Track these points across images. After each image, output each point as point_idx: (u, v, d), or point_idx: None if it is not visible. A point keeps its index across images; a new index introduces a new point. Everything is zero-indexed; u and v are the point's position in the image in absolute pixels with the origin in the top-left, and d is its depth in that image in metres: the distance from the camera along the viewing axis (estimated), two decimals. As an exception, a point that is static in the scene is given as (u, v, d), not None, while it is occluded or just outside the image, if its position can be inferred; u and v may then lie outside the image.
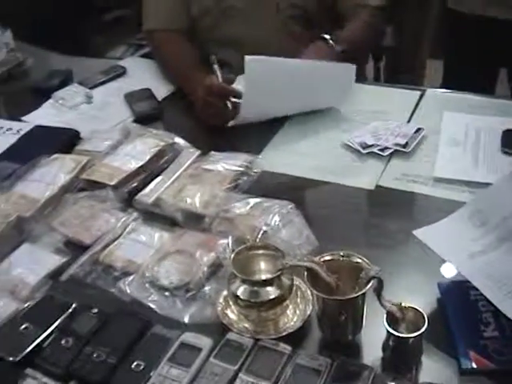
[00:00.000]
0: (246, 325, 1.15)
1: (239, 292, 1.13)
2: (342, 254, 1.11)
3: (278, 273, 1.11)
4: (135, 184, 1.48)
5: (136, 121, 1.75)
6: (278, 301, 1.13)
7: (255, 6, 1.97)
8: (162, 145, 1.54)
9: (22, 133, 1.75)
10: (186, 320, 1.18)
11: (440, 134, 1.62)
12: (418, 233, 1.22)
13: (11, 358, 1.13)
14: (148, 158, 1.50)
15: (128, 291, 1.22)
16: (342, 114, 1.74)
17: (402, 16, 2.49)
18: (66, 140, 1.67)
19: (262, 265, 1.16)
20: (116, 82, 2.00)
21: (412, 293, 1.19)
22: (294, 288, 1.16)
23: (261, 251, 1.16)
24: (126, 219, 1.37)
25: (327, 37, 1.77)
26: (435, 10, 2.51)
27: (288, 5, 1.98)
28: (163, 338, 1.13)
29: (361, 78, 1.91)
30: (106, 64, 2.16)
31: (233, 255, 1.14)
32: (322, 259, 1.11)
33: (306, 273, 1.09)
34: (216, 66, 1.71)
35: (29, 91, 2.05)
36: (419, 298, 1.17)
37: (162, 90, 1.90)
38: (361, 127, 1.66)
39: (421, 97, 1.80)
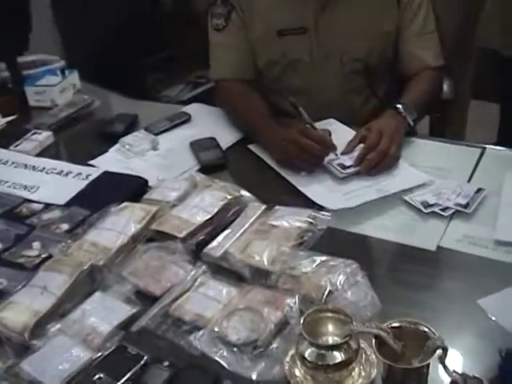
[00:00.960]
0: (314, 386, 1.17)
1: (307, 354, 1.16)
2: (408, 321, 1.14)
3: (347, 338, 1.14)
4: (203, 237, 1.52)
5: (201, 170, 1.78)
6: (345, 364, 1.16)
7: (320, 60, 2.03)
8: (229, 198, 1.58)
9: (91, 178, 1.80)
10: (254, 377, 1.21)
11: (501, 194, 1.63)
12: (482, 302, 1.25)
13: (85, 408, 1.16)
14: (216, 210, 1.55)
15: (198, 346, 1.26)
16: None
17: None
18: (134, 188, 1.72)
19: (330, 327, 1.20)
20: (181, 128, 2.05)
21: (472, 359, 1.21)
22: (360, 351, 1.19)
23: (330, 314, 1.19)
24: (195, 273, 1.41)
25: (399, 106, 1.82)
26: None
27: (351, 59, 2.04)
28: (232, 395, 1.16)
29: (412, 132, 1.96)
30: (171, 109, 2.22)
31: (303, 318, 1.17)
32: (389, 326, 1.13)
33: (373, 340, 1.12)
34: (301, 109, 1.79)
35: (95, 134, 2.10)
36: (479, 364, 1.19)
37: (226, 139, 1.95)
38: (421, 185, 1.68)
39: (481, 154, 1.82)
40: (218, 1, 2.10)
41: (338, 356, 1.15)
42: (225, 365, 1.23)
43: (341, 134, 1.85)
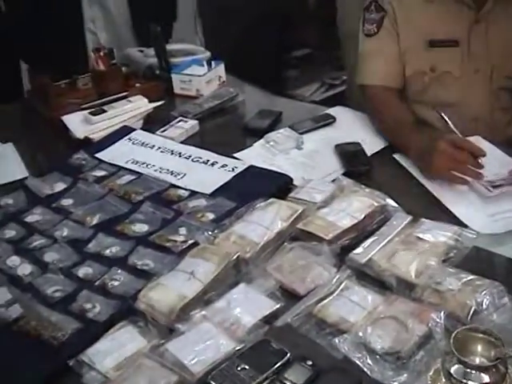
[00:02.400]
0: (455, 402, 1.16)
1: (453, 370, 1.15)
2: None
3: (497, 361, 1.13)
4: (348, 241, 1.52)
5: (346, 174, 1.78)
6: (491, 386, 1.14)
7: (470, 74, 2.00)
8: (376, 205, 1.58)
9: (237, 171, 1.83)
10: (395, 387, 1.20)
11: None
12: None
13: (228, 396, 1.18)
14: (362, 216, 1.55)
15: (341, 349, 1.26)
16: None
17: None
18: (281, 185, 1.74)
19: (479, 348, 1.18)
20: (325, 130, 2.06)
21: None
22: (507, 376, 1.17)
23: (480, 335, 1.18)
24: (340, 276, 1.41)
25: None
26: None
27: (501, 76, 2.00)
28: (374, 402, 1.17)
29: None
30: (314, 109, 2.23)
31: (453, 334, 1.16)
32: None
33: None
34: (451, 123, 1.78)
35: (239, 127, 2.13)
36: None
37: (371, 145, 1.94)
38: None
39: None
40: (371, 6, 2.10)
41: (485, 377, 1.14)
42: (367, 371, 1.23)
43: (487, 152, 1.81)
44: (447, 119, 1.82)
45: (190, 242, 1.57)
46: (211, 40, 3.51)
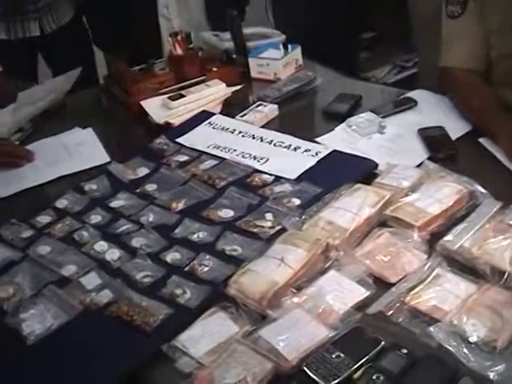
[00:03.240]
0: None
1: (554, 361, 1.13)
2: None
3: None
4: (437, 228, 1.50)
5: (430, 159, 1.76)
6: None
7: None
8: (465, 191, 1.56)
9: (321, 156, 1.82)
10: (493, 377, 1.19)
11: None
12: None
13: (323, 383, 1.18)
14: (452, 202, 1.53)
15: (435, 337, 1.25)
16: None
17: None
18: (366, 170, 1.72)
19: None
20: (406, 114, 2.03)
21: None
22: None
23: None
24: (431, 263, 1.39)
25: None
26: None
27: None
28: (471, 392, 1.15)
29: None
30: (393, 92, 2.20)
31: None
32: None
33: None
34: None
35: (318, 111, 2.12)
36: None
37: (455, 129, 1.90)
38: None
39: None
40: None
41: None
42: (463, 361, 1.22)
43: None
44: None
45: (278, 227, 1.57)
46: (281, 23, 3.50)
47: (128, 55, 2.48)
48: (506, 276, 1.37)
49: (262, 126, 2.07)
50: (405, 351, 1.23)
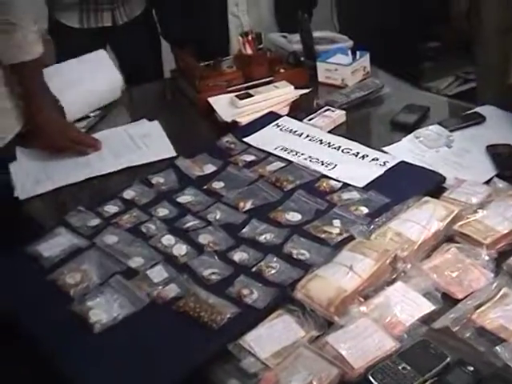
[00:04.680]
0: None
1: None
2: None
3: None
4: (505, 246, 1.50)
5: (498, 176, 1.76)
6: None
7: None
8: (534, 211, 1.56)
9: (388, 166, 1.83)
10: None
11: None
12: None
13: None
14: (520, 221, 1.53)
15: (502, 357, 1.26)
16: None
17: None
18: (433, 184, 1.73)
19: None
20: (475, 129, 2.03)
21: None
22: None
23: None
24: (499, 282, 1.40)
25: None
26: None
27: None
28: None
29: None
30: (461, 107, 2.21)
31: None
32: None
33: None
34: None
35: (385, 120, 2.13)
36: None
37: (524, 148, 1.89)
38: None
39: None
40: None
41: None
42: (529, 382, 1.22)
43: None
44: None
45: (346, 235, 1.58)
46: (345, 27, 3.51)
47: (195, 50, 2.50)
48: None
49: (329, 131, 2.08)
50: (471, 368, 1.24)
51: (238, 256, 1.57)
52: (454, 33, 3.48)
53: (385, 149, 1.94)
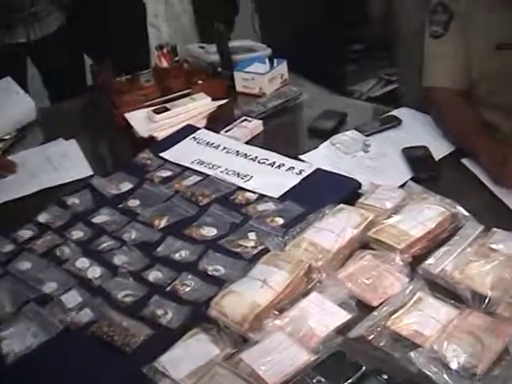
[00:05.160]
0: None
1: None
2: None
3: None
4: (419, 250, 1.50)
5: (413, 179, 1.76)
6: None
7: None
8: (447, 214, 1.57)
9: (304, 174, 1.82)
10: (472, 404, 1.19)
11: None
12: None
13: (306, 410, 1.18)
14: (434, 225, 1.53)
15: (417, 363, 1.25)
16: None
17: None
18: (349, 190, 1.72)
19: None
20: (391, 132, 2.04)
21: None
22: None
23: None
24: (413, 287, 1.40)
25: None
26: None
27: None
28: (451, 421, 1.15)
29: None
30: (378, 110, 2.21)
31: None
32: None
33: None
34: None
35: (303, 128, 2.12)
36: None
37: (439, 149, 1.91)
38: None
39: None
40: (438, 7, 2.06)
41: None
42: (443, 387, 1.22)
43: None
44: None
45: (260, 247, 1.57)
46: (267, 35, 3.50)
47: (115, 64, 2.47)
48: (486, 301, 1.37)
49: (247, 142, 2.06)
50: (385, 377, 1.23)
51: (153, 275, 1.54)
52: (374, 35, 3.52)
53: (302, 157, 1.93)
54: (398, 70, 3.27)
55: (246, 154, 1.95)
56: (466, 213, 1.61)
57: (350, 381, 1.23)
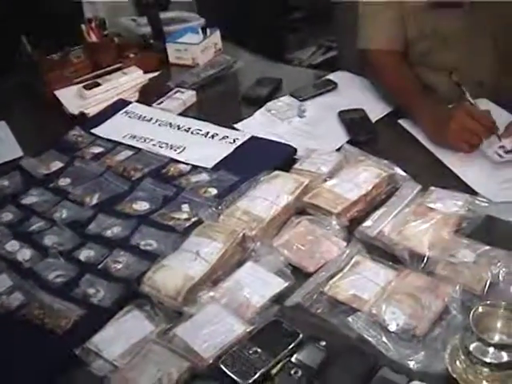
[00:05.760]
0: (475, 381, 1.13)
1: (472, 348, 1.11)
2: None
3: (519, 339, 1.09)
4: (356, 213, 1.47)
5: (350, 142, 1.73)
6: (512, 364, 1.10)
7: (475, 37, 1.92)
8: (384, 175, 1.54)
9: (238, 143, 1.78)
10: (412, 366, 1.17)
11: None
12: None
13: (241, 381, 1.14)
14: (370, 187, 1.50)
15: (355, 328, 1.22)
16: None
17: None
18: (284, 156, 1.69)
19: (499, 324, 1.14)
20: (327, 96, 2.00)
21: None
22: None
23: (500, 311, 1.14)
24: (350, 251, 1.37)
25: None
26: None
27: (507, 39, 1.92)
28: (391, 383, 1.12)
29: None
30: (314, 75, 2.17)
31: (472, 311, 1.12)
32: None
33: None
34: (464, 88, 1.74)
35: (238, 96, 2.07)
36: None
37: (375, 111, 1.88)
38: None
39: None
40: None
41: (506, 356, 1.10)
42: (383, 350, 1.19)
43: (495, 115, 1.74)
44: (462, 86, 1.75)
45: (194, 219, 1.52)
46: (206, 6, 3.42)
47: (48, 42, 2.39)
48: (425, 261, 1.34)
49: (180, 114, 2.01)
50: (323, 343, 1.20)
51: (84, 254, 1.49)
52: (313, 2, 3.47)
53: (236, 125, 1.89)
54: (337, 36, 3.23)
55: (178, 126, 1.90)
56: (403, 173, 1.58)
57: (287, 350, 1.19)
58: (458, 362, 1.16)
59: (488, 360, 1.10)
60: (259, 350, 1.19)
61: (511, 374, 1.12)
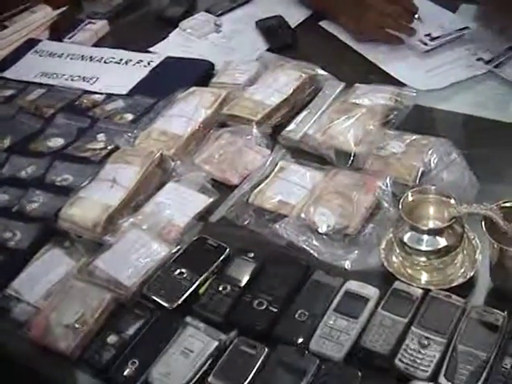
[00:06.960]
0: (413, 273, 1.07)
1: (406, 239, 1.05)
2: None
3: (452, 221, 1.03)
4: (279, 119, 1.40)
5: (271, 51, 1.65)
6: (449, 249, 1.04)
7: None
8: (305, 77, 1.46)
9: (153, 65, 1.69)
10: (347, 266, 1.11)
11: None
12: None
13: (168, 305, 1.07)
14: (291, 90, 1.43)
15: (283, 234, 1.16)
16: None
17: None
18: (201, 72, 1.61)
19: (432, 210, 1.08)
20: (244, 8, 1.91)
21: None
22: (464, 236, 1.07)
23: (431, 196, 1.08)
24: (274, 157, 1.30)
25: None
26: None
27: None
28: (326, 286, 1.08)
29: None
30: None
31: (401, 200, 1.06)
32: (498, 206, 1.01)
33: (483, 221, 1.00)
34: None
35: (152, 20, 1.97)
36: None
37: (294, 17, 1.79)
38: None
39: None
40: None
41: (442, 241, 1.04)
42: (315, 254, 1.13)
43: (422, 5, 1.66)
44: None
45: (110, 147, 1.44)
46: None
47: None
48: (351, 157, 1.27)
49: (94, 45, 1.90)
50: (251, 255, 1.13)
51: (-1, 199, 1.38)
52: None
53: (152, 49, 1.79)
54: None
55: (91, 57, 1.80)
56: (325, 73, 1.50)
57: (213, 266, 1.13)
58: (393, 257, 1.10)
59: (423, 248, 1.04)
60: (184, 271, 1.12)
61: (448, 260, 1.06)
